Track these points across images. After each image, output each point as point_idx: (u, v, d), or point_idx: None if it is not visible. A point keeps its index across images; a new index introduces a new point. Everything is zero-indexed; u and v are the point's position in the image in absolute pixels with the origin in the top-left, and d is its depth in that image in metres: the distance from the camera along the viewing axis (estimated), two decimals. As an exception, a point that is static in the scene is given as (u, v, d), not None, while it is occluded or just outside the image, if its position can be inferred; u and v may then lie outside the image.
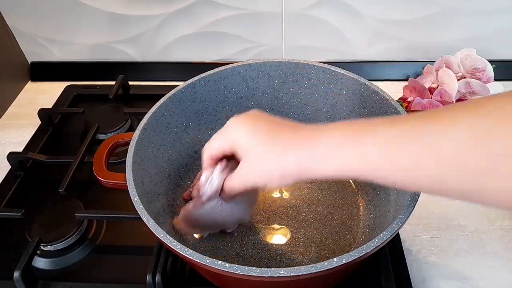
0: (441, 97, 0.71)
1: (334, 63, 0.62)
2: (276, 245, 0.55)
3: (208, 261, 0.38)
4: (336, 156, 0.35)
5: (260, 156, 0.40)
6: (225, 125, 0.44)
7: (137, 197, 0.44)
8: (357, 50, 0.86)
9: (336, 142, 0.36)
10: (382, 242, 0.39)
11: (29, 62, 0.92)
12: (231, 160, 0.46)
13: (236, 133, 0.42)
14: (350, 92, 0.58)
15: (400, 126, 0.33)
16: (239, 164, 0.43)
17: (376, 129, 0.34)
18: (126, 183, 0.46)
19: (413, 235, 0.58)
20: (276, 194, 0.61)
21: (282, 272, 0.36)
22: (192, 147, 0.62)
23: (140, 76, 0.90)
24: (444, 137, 0.29)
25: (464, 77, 0.72)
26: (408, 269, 0.53)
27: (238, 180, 0.43)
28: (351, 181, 0.62)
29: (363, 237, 0.54)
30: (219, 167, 0.45)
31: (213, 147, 0.45)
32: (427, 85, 0.74)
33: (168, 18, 0.83)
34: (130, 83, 0.86)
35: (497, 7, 0.77)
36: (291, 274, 0.36)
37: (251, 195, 0.52)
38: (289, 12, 0.81)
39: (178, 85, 0.58)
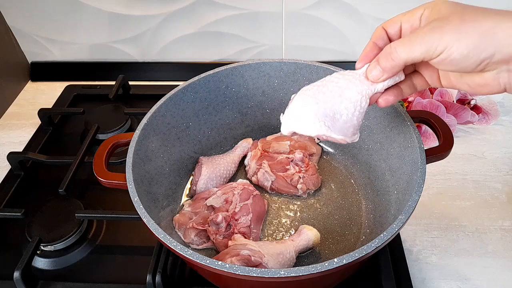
0: (441, 97, 0.71)
1: (334, 63, 0.62)
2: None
3: (208, 261, 0.38)
4: None
5: (461, 11, 0.34)
6: None
7: (137, 197, 0.44)
8: (357, 50, 0.86)
9: None
10: (383, 243, 0.39)
11: (29, 62, 0.92)
12: None
13: (427, 4, 0.37)
14: (350, 92, 0.58)
15: None
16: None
17: None
18: (126, 183, 0.46)
19: (413, 235, 0.58)
20: (277, 196, 0.61)
21: (282, 272, 0.36)
22: (192, 147, 0.62)
23: (140, 76, 0.90)
24: None
25: (465, 77, 0.72)
26: (409, 269, 0.53)
27: (414, 38, 0.36)
28: (352, 181, 0.62)
29: (364, 237, 0.54)
30: None
31: (392, 19, 0.39)
32: (427, 85, 0.73)
33: (168, 18, 0.83)
34: (130, 83, 0.86)
35: (496, 7, 0.77)
36: (291, 275, 0.36)
37: None
38: (289, 12, 0.81)
39: (178, 85, 0.58)
